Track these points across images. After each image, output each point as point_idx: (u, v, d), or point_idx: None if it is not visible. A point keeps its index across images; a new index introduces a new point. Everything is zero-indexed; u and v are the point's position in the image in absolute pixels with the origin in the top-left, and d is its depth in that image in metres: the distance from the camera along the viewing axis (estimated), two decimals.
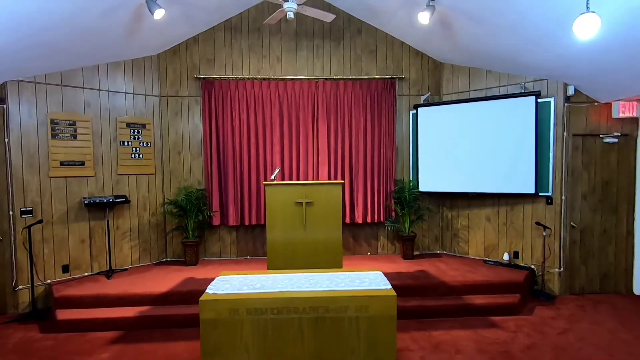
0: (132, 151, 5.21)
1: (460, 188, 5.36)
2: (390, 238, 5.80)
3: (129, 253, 5.22)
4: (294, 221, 4.01)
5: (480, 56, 5.00)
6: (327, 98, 5.54)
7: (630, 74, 3.94)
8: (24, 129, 4.40)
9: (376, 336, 2.62)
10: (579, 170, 4.79)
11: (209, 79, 5.44)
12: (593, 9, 3.10)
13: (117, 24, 4.25)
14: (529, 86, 4.93)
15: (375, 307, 2.63)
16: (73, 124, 4.73)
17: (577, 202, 4.81)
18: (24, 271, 4.40)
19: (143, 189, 5.33)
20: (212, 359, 2.58)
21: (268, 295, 2.65)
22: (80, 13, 3.75)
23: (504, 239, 5.24)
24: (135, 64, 5.22)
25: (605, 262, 4.87)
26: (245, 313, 2.58)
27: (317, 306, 2.62)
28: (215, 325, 2.58)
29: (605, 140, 4.76)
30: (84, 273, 4.83)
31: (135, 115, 5.24)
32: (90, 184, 4.88)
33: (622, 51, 3.60)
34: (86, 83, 4.83)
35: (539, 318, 4.11)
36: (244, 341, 2.59)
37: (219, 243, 5.64)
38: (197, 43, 5.47)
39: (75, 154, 4.76)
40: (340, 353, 2.62)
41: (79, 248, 4.81)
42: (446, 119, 5.40)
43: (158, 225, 5.48)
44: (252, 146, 5.49)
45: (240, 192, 5.49)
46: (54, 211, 4.62)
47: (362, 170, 5.59)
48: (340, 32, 5.58)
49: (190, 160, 5.56)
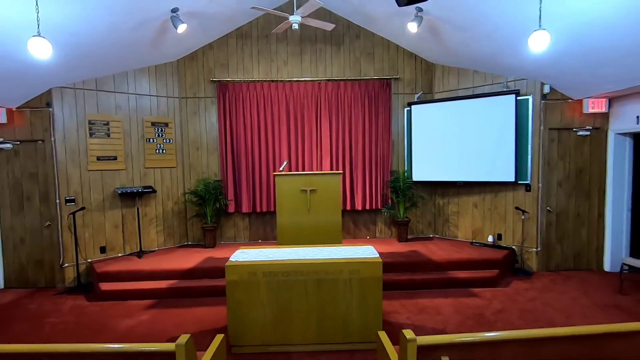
0: (157, 147, 5.89)
1: (450, 177, 5.95)
2: (387, 223, 6.42)
3: (155, 237, 5.93)
4: (300, 206, 4.66)
5: (467, 58, 5.56)
6: (329, 97, 6.15)
7: (593, 75, 4.48)
8: (66, 128, 5.09)
9: (366, 293, 3.26)
10: (555, 160, 5.35)
11: (223, 82, 6.08)
12: (554, 23, 3.67)
13: (144, 36, 4.90)
14: (511, 85, 5.47)
15: (365, 271, 3.27)
16: (107, 124, 5.41)
17: (553, 189, 5.37)
18: (69, 251, 5.13)
19: (166, 181, 6.02)
20: (236, 312, 3.24)
21: (279, 262, 3.30)
22: (116, 29, 4.41)
23: (489, 222, 5.83)
24: (158, 69, 5.88)
25: (578, 242, 5.44)
26: (261, 276, 3.24)
27: (319, 270, 3.27)
28: (238, 285, 3.24)
29: (579, 133, 5.30)
30: (118, 254, 5.55)
31: (158, 115, 5.91)
32: (121, 176, 5.58)
33: (580, 57, 4.16)
34: (117, 87, 5.50)
35: (513, 290, 4.72)
36: (261, 298, 3.25)
37: (234, 228, 6.33)
38: (212, 49, 6.10)
39: (109, 150, 5.45)
40: (337, 307, 3.27)
41: (113, 232, 5.52)
42: (437, 115, 5.97)
43: (180, 212, 6.17)
44: (262, 141, 6.13)
45: (252, 182, 6.15)
46: (92, 200, 5.33)
47: (361, 162, 6.21)
48: (341, 37, 6.16)
49: (208, 154, 6.23)
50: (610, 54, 3.94)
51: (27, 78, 4.53)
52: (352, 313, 3.28)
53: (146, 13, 4.43)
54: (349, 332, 3.28)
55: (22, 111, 4.97)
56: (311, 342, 3.28)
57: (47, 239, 5.14)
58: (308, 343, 3.28)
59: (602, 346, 1.99)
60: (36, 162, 5.07)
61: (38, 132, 5.00)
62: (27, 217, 5.13)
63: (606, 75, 4.38)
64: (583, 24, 3.66)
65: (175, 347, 1.87)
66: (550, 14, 3.62)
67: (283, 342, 3.28)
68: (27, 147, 5.05)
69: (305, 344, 3.28)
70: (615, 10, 3.33)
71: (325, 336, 3.28)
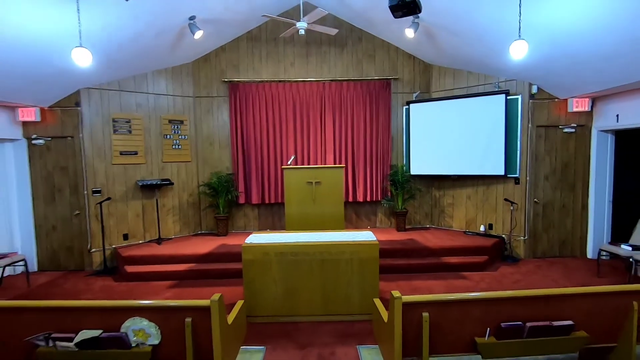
0: (173, 143, 6.38)
1: (445, 171, 6.38)
2: (386, 214, 6.88)
3: (172, 226, 6.43)
4: (306, 197, 5.13)
5: (461, 60, 5.97)
6: (333, 96, 6.59)
7: (575, 77, 4.89)
8: (93, 126, 5.59)
9: (364, 271, 3.73)
10: (542, 155, 5.76)
11: (234, 82, 6.54)
12: (536, 30, 4.09)
13: (164, 42, 5.36)
14: (502, 85, 5.88)
15: (364, 252, 3.74)
16: (128, 121, 5.90)
17: (540, 182, 5.80)
18: (96, 237, 5.64)
19: (182, 174, 6.51)
20: (250, 287, 3.73)
21: (289, 244, 3.77)
22: (140, 36, 4.88)
23: (481, 213, 6.27)
24: (174, 70, 6.35)
25: (563, 231, 5.87)
26: (273, 255, 3.72)
27: (323, 251, 3.74)
28: (253, 263, 3.73)
29: (564, 130, 5.71)
30: (139, 240, 6.06)
31: (175, 113, 6.39)
32: (142, 170, 6.07)
33: (562, 60, 4.57)
34: (137, 88, 5.98)
35: (500, 273, 5.18)
36: (272, 275, 3.73)
37: (244, 218, 6.82)
38: (224, 51, 6.56)
39: (131, 146, 5.94)
40: (339, 283, 3.74)
41: (135, 221, 6.03)
42: (434, 113, 6.39)
43: (194, 203, 6.67)
44: (271, 137, 6.60)
45: (261, 175, 6.63)
46: (116, 191, 5.83)
47: (363, 157, 6.66)
48: (344, 40, 6.58)
49: (220, 149, 6.71)
50: (588, 59, 4.34)
51: (59, 81, 5.02)
52: (352, 289, 3.75)
53: (167, 21, 4.89)
54: (350, 305, 3.76)
55: (54, 110, 5.46)
56: (316, 313, 3.77)
57: (76, 226, 5.65)
58: (313, 314, 3.76)
59: (549, 305, 2.45)
60: (66, 157, 5.58)
61: (68, 129, 5.49)
62: (58, 207, 5.64)
63: (586, 77, 4.78)
64: (562, 31, 4.07)
65: (210, 303, 2.36)
66: (532, 22, 4.03)
67: (292, 313, 3.76)
68: (58, 143, 5.55)
69: (311, 315, 3.77)
70: (589, 21, 3.74)
71: (328, 308, 3.76)
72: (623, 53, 3.96)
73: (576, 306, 2.49)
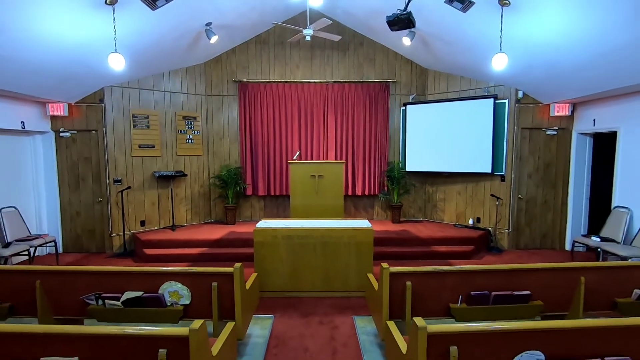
0: (187, 137, 6.89)
1: (438, 168, 6.90)
2: (383, 207, 7.41)
3: (184, 214, 6.96)
4: (309, 189, 5.64)
5: (454, 66, 6.47)
6: (335, 97, 7.10)
7: (554, 85, 5.40)
8: (115, 121, 6.09)
9: (361, 253, 4.25)
10: (526, 155, 6.28)
11: (243, 82, 7.04)
12: (518, 42, 4.60)
13: (182, 44, 5.86)
14: (491, 90, 6.38)
15: (361, 236, 4.26)
16: (147, 117, 6.41)
17: (524, 179, 6.31)
18: (116, 223, 6.17)
19: (194, 166, 7.02)
20: (260, 265, 4.25)
21: (294, 228, 4.29)
22: (161, 40, 5.38)
23: (470, 207, 6.80)
24: (188, 70, 6.84)
25: (544, 225, 6.40)
26: (280, 238, 4.24)
27: (325, 235, 4.26)
28: (262, 245, 4.25)
29: (547, 132, 6.22)
30: (154, 227, 6.59)
31: (188, 110, 6.89)
32: (158, 162, 6.59)
33: (542, 69, 5.08)
34: (155, 86, 6.48)
35: (484, 261, 5.71)
36: (280, 255, 4.26)
37: (251, 209, 7.35)
38: (235, 53, 7.05)
39: (148, 140, 6.45)
40: (338, 263, 4.27)
41: (151, 209, 6.55)
42: (429, 114, 6.90)
43: (205, 194, 7.19)
44: (277, 134, 7.11)
45: (267, 169, 7.15)
46: (135, 181, 6.35)
47: (362, 154, 7.17)
48: (346, 44, 7.07)
49: (229, 144, 7.22)
50: (563, 69, 4.85)
51: (86, 79, 5.53)
52: (349, 268, 4.28)
53: (186, 27, 5.39)
54: (347, 283, 4.29)
55: (80, 106, 5.97)
56: (318, 289, 4.30)
57: (98, 212, 6.18)
58: (316, 290, 4.30)
59: (511, 278, 2.98)
60: (90, 148, 6.09)
61: (92, 123, 6.00)
62: (82, 194, 6.16)
63: (563, 85, 5.29)
64: (540, 44, 4.57)
65: (233, 270, 2.89)
66: (514, 35, 4.53)
67: (296, 289, 4.30)
68: (82, 135, 6.06)
69: (313, 291, 4.30)
70: (564, 36, 4.24)
71: (328, 285, 4.29)
72: (594, 65, 4.46)
73: (534, 279, 3.01)
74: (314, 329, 3.58)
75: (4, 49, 3.97)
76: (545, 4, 3.88)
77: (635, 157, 5.01)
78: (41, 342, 1.94)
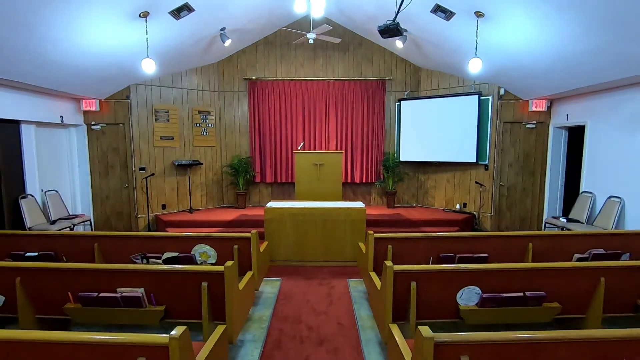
0: (202, 130, 7.65)
1: (429, 158, 7.60)
2: (379, 194, 8.15)
3: (200, 199, 7.75)
4: (312, 176, 6.39)
5: (444, 65, 7.13)
6: (336, 93, 7.80)
7: (529, 84, 6.07)
8: (139, 115, 6.86)
9: (355, 229, 5.00)
10: (507, 146, 6.97)
11: (252, 80, 7.76)
12: (494, 46, 5.27)
13: (199, 47, 6.59)
14: (477, 87, 7.05)
15: (355, 214, 5.01)
16: (167, 112, 7.16)
17: (505, 168, 7.01)
18: (141, 205, 6.97)
19: (208, 156, 7.79)
20: (270, 239, 5.03)
21: (299, 207, 5.05)
22: (181, 44, 6.11)
23: (457, 194, 7.52)
24: (203, 69, 7.58)
25: (523, 209, 7.11)
26: (287, 215, 5.01)
27: (325, 213, 5.01)
28: (272, 221, 5.01)
29: (527, 126, 6.89)
30: (174, 210, 7.39)
31: (203, 105, 7.64)
32: (177, 152, 7.36)
33: (516, 70, 5.76)
34: (174, 84, 7.22)
35: None
36: (286, 230, 5.02)
37: (259, 194, 8.12)
38: (245, 54, 7.76)
39: (168, 132, 7.22)
40: (336, 237, 5.03)
41: (170, 194, 7.35)
42: (420, 109, 7.59)
43: (218, 181, 7.97)
44: (283, 127, 7.84)
45: (274, 158, 7.90)
46: (157, 169, 7.13)
47: (360, 145, 7.89)
48: (346, 45, 7.75)
49: (240, 136, 7.97)
50: (534, 70, 5.52)
51: (116, 79, 6.28)
52: (345, 242, 5.05)
53: (203, 32, 6.11)
54: (343, 254, 5.06)
55: (109, 102, 6.73)
56: (319, 259, 5.07)
57: (125, 196, 6.98)
58: (317, 260, 5.07)
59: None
60: (117, 140, 6.87)
61: (120, 117, 6.77)
62: (110, 180, 6.96)
63: (536, 84, 5.96)
64: (512, 48, 5.24)
65: (251, 235, 3.66)
66: (490, 40, 5.19)
67: (300, 259, 5.07)
68: (111, 128, 6.84)
69: (315, 261, 5.07)
70: (531, 42, 4.90)
71: (328, 256, 5.06)
72: (558, 68, 5.13)
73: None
74: (315, 288, 4.35)
75: (54, 56, 4.73)
76: (512, 16, 4.55)
77: (599, 148, 5.69)
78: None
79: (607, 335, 1.81)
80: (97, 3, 4.14)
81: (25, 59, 4.48)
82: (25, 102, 5.39)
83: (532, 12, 4.34)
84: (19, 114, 5.34)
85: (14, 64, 4.49)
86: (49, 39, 4.33)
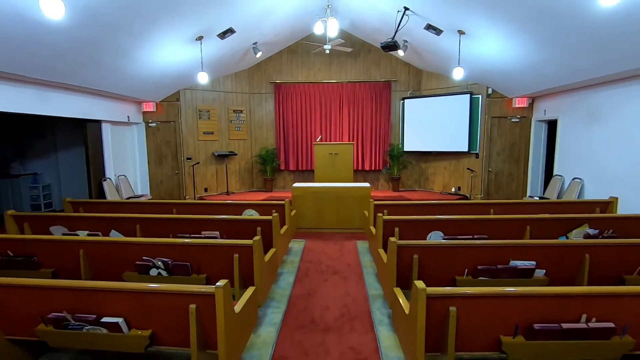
0: (236, 126, 9.11)
1: (429, 148, 8.86)
2: (386, 179, 9.47)
3: (234, 184, 9.25)
4: (328, 163, 7.76)
5: (441, 69, 8.35)
6: (348, 94, 9.13)
7: (509, 84, 7.25)
8: (187, 114, 8.37)
9: (363, 203, 6.36)
10: (495, 138, 8.15)
11: (277, 83, 9.16)
12: (476, 53, 6.49)
13: (235, 58, 8.02)
14: (469, 87, 8.25)
15: (362, 192, 6.37)
16: (208, 111, 8.66)
17: (493, 156, 8.21)
18: (188, 189, 8.52)
19: (241, 148, 9.27)
20: (297, 209, 6.44)
21: (318, 187, 6.44)
22: (223, 57, 7.55)
23: (453, 179, 8.76)
24: (237, 75, 9.02)
25: (509, 192, 8.30)
26: (309, 193, 6.41)
27: (338, 192, 6.39)
28: (298, 197, 6.43)
29: (512, 120, 8.05)
30: (214, 193, 8.91)
31: (237, 105, 9.10)
32: (216, 144, 8.86)
33: (495, 73, 6.96)
34: (213, 87, 8.70)
35: None
36: (309, 203, 6.43)
37: (284, 180, 9.56)
38: (271, 61, 9.16)
39: (209, 128, 8.71)
40: (348, 210, 6.39)
41: (211, 179, 8.87)
42: (421, 106, 8.83)
43: (249, 169, 9.45)
44: (303, 122, 9.23)
45: (296, 149, 9.31)
46: (200, 158, 8.65)
47: (369, 137, 9.21)
48: (358, 52, 9.04)
49: (267, 131, 9.41)
50: (510, 74, 6.71)
51: (170, 85, 7.79)
52: (354, 213, 6.42)
53: (239, 46, 7.53)
54: (353, 223, 6.43)
55: (162, 103, 8.27)
56: (334, 227, 6.46)
57: (175, 181, 8.54)
58: (332, 227, 6.47)
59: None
60: (169, 135, 8.40)
61: (171, 116, 8.30)
62: (163, 168, 8.52)
63: (514, 85, 7.14)
64: (490, 56, 6.45)
65: (285, 202, 5.08)
66: (473, 49, 6.41)
67: (320, 226, 6.48)
68: (164, 125, 8.38)
69: (331, 228, 6.47)
70: (502, 52, 6.10)
71: (341, 224, 6.45)
72: (527, 73, 6.33)
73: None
74: (330, 246, 5.75)
75: (132, 70, 6.24)
76: (487, 32, 5.77)
77: (567, 139, 6.84)
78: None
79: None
80: (170, 33, 5.60)
81: (112, 75, 6.01)
82: (104, 106, 6.96)
83: (501, 29, 5.56)
84: (101, 115, 6.91)
85: (105, 79, 6.03)
86: (135, 61, 5.84)
